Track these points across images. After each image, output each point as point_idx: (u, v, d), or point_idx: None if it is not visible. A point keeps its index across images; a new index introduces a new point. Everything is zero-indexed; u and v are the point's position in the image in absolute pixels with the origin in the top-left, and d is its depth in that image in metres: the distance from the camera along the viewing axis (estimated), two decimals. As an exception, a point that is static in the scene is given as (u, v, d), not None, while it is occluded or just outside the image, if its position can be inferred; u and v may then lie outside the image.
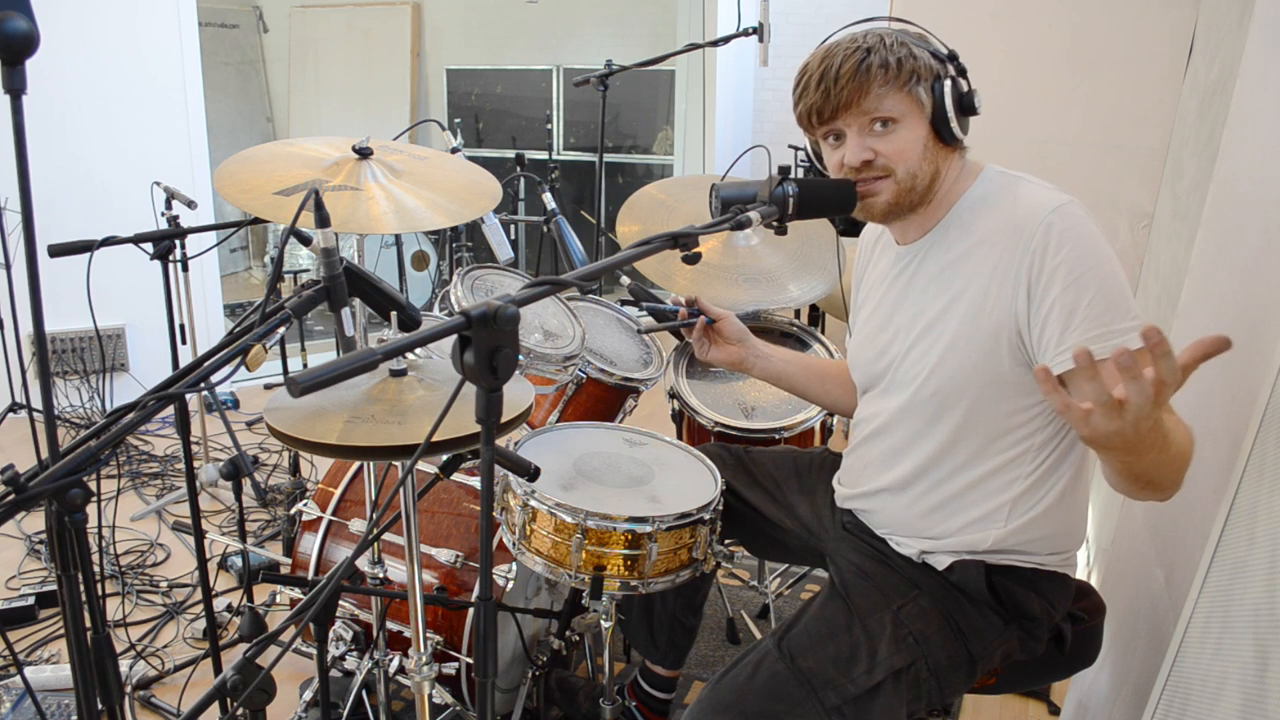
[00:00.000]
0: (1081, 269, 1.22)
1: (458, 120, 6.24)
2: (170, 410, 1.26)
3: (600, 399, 2.09)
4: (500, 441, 1.56)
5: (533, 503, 1.53)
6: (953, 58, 1.33)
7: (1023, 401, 1.32)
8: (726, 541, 1.71)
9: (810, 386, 1.76)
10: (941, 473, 1.40)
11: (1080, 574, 1.48)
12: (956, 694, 1.45)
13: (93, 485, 1.01)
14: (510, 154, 5.71)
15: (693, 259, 1.21)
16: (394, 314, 1.24)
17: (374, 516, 1.83)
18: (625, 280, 2.06)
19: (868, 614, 1.37)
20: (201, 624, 2.36)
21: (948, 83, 1.30)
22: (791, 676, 1.31)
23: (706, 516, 1.54)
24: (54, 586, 2.40)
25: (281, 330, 1.14)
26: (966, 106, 1.32)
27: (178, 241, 2.52)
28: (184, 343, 2.63)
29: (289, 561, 2.10)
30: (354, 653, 1.90)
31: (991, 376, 1.31)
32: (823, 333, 2.40)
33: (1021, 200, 1.31)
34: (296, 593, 2.10)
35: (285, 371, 2.79)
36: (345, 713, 1.85)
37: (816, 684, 1.30)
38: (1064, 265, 1.22)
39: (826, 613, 1.40)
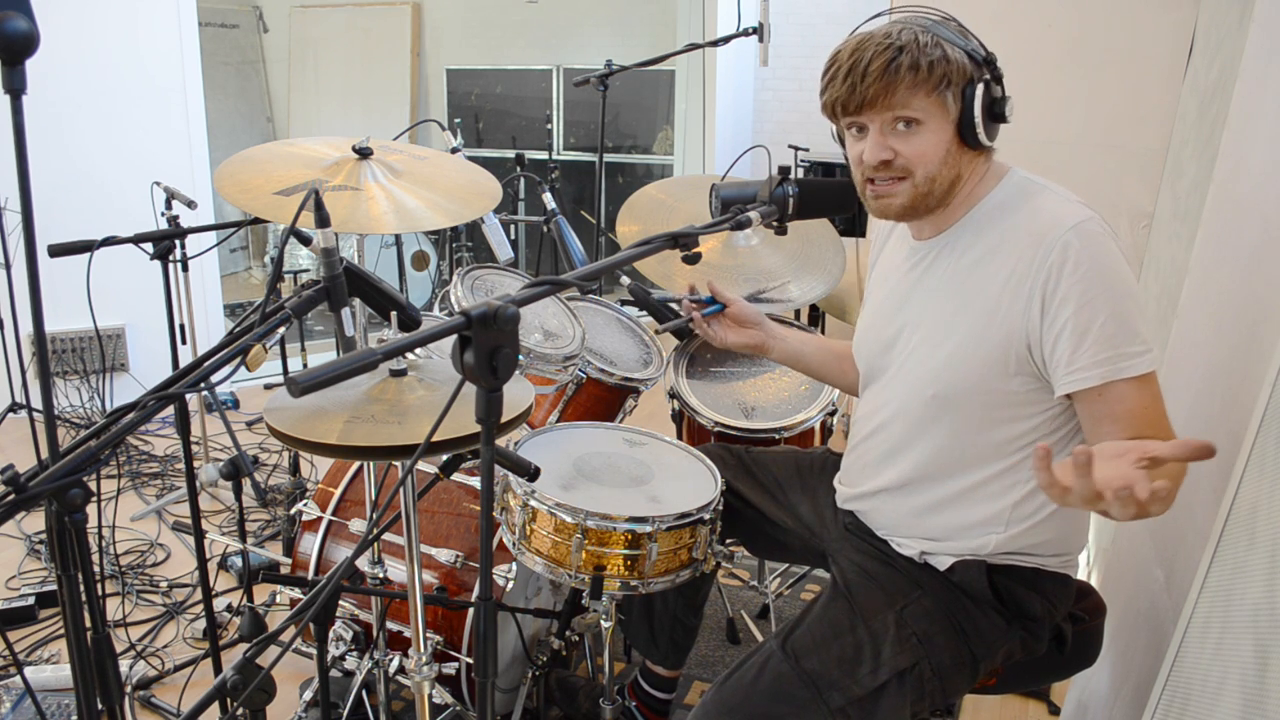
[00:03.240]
0: (1096, 290, 1.21)
1: (458, 120, 6.23)
2: (170, 410, 1.26)
3: (600, 399, 2.09)
4: (500, 441, 1.56)
5: (533, 503, 1.53)
6: (990, 61, 1.29)
7: (1024, 410, 1.31)
8: (727, 541, 1.71)
9: (827, 366, 1.75)
10: (939, 475, 1.40)
11: (1080, 574, 1.48)
12: (959, 694, 1.45)
13: (93, 485, 1.01)
14: (510, 154, 5.71)
15: (693, 259, 1.21)
16: (394, 314, 1.24)
17: (374, 516, 1.83)
18: (625, 280, 2.06)
19: (871, 614, 1.37)
20: (201, 624, 2.36)
21: (980, 87, 1.26)
22: (796, 678, 1.31)
23: (706, 516, 1.54)
24: (54, 586, 2.40)
25: (281, 330, 1.14)
26: (996, 113, 1.29)
27: (178, 241, 2.51)
28: (184, 343, 2.63)
29: (289, 561, 2.10)
30: (354, 653, 1.90)
31: (995, 385, 1.31)
32: (823, 332, 2.40)
33: (1041, 212, 1.29)
34: (296, 593, 2.10)
35: (285, 371, 2.78)
36: (345, 713, 1.85)
37: (821, 685, 1.30)
38: (1079, 285, 1.21)
39: (830, 614, 1.40)
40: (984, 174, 1.36)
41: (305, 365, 3.38)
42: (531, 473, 1.31)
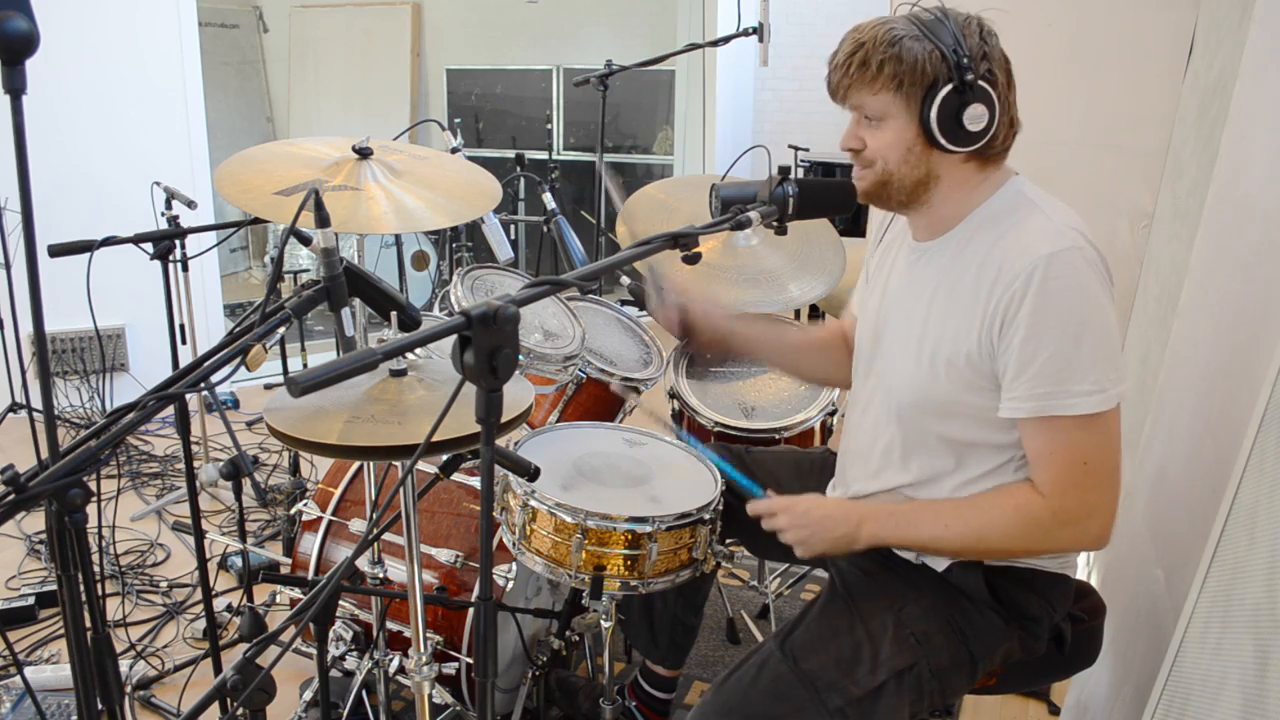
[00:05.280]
0: (1045, 326, 1.20)
1: (458, 120, 6.23)
2: (170, 410, 1.26)
3: (600, 399, 2.09)
4: (500, 441, 1.56)
5: (533, 503, 1.53)
6: (965, 66, 1.22)
7: (1006, 420, 1.31)
8: (727, 541, 1.71)
9: (782, 359, 1.77)
10: (931, 480, 1.39)
11: (1080, 574, 1.48)
12: (958, 694, 1.45)
13: (93, 485, 1.01)
14: (510, 154, 5.71)
15: (693, 259, 1.21)
16: (394, 314, 1.24)
17: (374, 516, 1.83)
18: (625, 280, 2.06)
19: (870, 615, 1.37)
20: (201, 624, 2.36)
21: (944, 91, 1.22)
22: (795, 678, 1.31)
23: (706, 516, 1.54)
24: (54, 586, 2.40)
25: (281, 330, 1.14)
26: (960, 121, 1.23)
27: (178, 241, 2.51)
28: (184, 343, 2.63)
29: (289, 561, 2.10)
30: (354, 653, 1.90)
31: (971, 397, 1.31)
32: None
33: (1023, 233, 1.26)
34: (296, 593, 2.10)
35: (285, 371, 2.79)
36: (345, 713, 1.85)
37: (820, 686, 1.30)
38: (1031, 317, 1.21)
39: (828, 614, 1.40)
40: (979, 180, 1.33)
41: (305, 365, 3.38)
42: (531, 473, 1.31)
